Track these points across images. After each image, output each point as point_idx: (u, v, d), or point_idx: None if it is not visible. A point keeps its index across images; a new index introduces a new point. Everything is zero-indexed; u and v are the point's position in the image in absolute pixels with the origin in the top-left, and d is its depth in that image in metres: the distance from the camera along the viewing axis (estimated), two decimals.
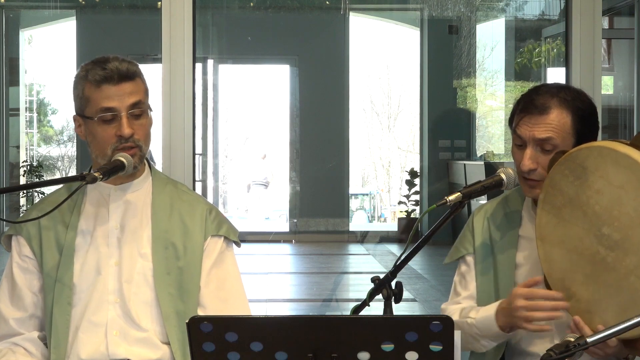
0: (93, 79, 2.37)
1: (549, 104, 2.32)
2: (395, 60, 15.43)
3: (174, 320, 2.39)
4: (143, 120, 2.41)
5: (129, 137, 2.36)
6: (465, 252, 2.52)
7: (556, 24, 10.70)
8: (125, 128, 2.35)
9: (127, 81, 2.38)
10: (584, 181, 2.13)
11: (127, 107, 2.37)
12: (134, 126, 2.38)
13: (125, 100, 2.37)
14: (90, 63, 2.41)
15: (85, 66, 2.41)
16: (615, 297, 2.08)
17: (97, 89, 2.36)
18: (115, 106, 2.36)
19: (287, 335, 1.72)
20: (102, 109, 2.36)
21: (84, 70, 2.41)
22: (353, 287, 8.98)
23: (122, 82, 2.37)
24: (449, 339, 1.71)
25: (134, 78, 2.39)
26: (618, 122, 9.66)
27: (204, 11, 10.99)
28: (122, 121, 2.36)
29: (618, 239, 2.06)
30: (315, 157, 11.55)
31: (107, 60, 2.39)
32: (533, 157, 2.33)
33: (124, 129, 2.35)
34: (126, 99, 2.37)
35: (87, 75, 2.38)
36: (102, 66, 2.37)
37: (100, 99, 2.36)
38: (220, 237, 2.51)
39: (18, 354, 2.40)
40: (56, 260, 2.41)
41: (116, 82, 2.36)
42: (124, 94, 2.37)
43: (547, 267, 2.25)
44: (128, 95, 2.37)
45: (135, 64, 2.43)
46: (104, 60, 2.39)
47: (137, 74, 2.41)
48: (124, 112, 2.36)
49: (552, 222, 2.21)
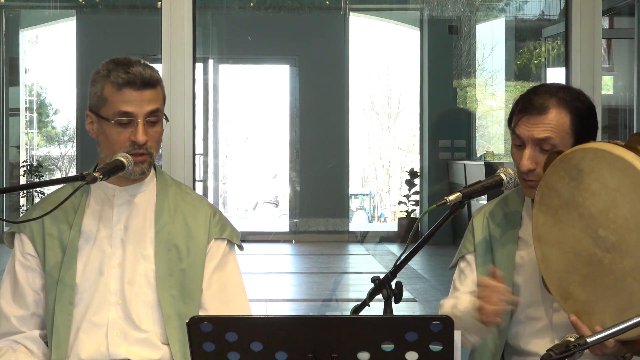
0: (115, 81, 2.35)
1: (548, 104, 2.32)
2: (395, 60, 15.42)
3: (175, 322, 2.39)
4: (157, 128, 2.41)
5: (143, 144, 2.36)
6: (466, 252, 2.52)
7: (556, 24, 10.70)
8: (140, 135, 2.35)
9: (149, 88, 2.37)
10: (580, 183, 2.12)
11: (144, 114, 2.36)
12: (148, 133, 2.37)
13: (144, 106, 2.36)
14: (111, 63, 2.39)
15: (107, 65, 2.39)
16: (613, 298, 2.08)
17: (118, 92, 2.35)
18: (134, 111, 2.35)
19: (287, 335, 1.73)
20: (120, 113, 2.35)
21: (105, 69, 2.39)
22: (353, 287, 8.98)
23: (144, 88, 2.36)
24: (449, 339, 1.71)
25: (155, 86, 2.39)
26: (618, 122, 9.65)
27: (204, 11, 10.98)
28: (138, 127, 2.35)
29: (614, 241, 2.06)
30: (315, 157, 11.54)
31: (131, 64, 2.37)
32: (532, 157, 2.32)
33: (139, 135, 2.35)
34: (145, 105, 2.36)
35: (109, 75, 2.37)
36: (126, 69, 2.36)
37: (119, 102, 2.35)
38: (223, 240, 2.51)
39: (19, 352, 2.39)
40: (59, 259, 2.41)
41: (138, 88, 2.35)
42: (143, 100, 2.36)
43: (544, 268, 2.24)
44: (147, 102, 2.36)
45: (157, 70, 2.42)
46: (127, 63, 2.37)
47: (158, 82, 2.41)
48: (140, 119, 2.35)
49: (548, 223, 2.21)
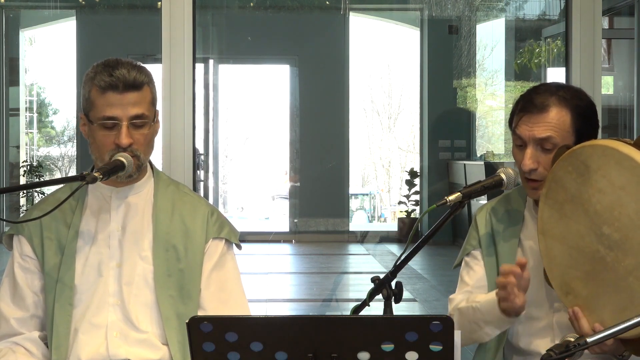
0: (99, 84, 2.34)
1: (548, 102, 2.32)
2: (395, 60, 15.43)
3: (174, 323, 2.39)
4: (144, 130, 2.37)
5: (127, 147, 2.34)
6: (471, 248, 2.50)
7: (556, 24, 10.70)
8: (124, 138, 2.33)
9: (132, 91, 2.34)
10: (587, 179, 2.13)
11: (128, 117, 2.33)
12: (134, 135, 2.35)
13: (128, 110, 2.33)
14: (101, 65, 2.38)
15: (95, 67, 2.38)
16: (613, 296, 2.08)
17: (101, 95, 2.34)
18: (117, 115, 2.33)
19: (287, 335, 1.72)
20: (104, 117, 2.33)
21: (93, 71, 2.37)
22: (353, 287, 8.98)
23: (127, 91, 2.33)
24: (449, 339, 1.71)
25: (140, 88, 2.36)
26: (618, 122, 9.66)
27: (204, 11, 10.99)
28: (121, 130, 2.33)
29: (618, 239, 2.06)
30: (315, 157, 11.55)
31: (117, 66, 2.35)
32: (534, 156, 2.32)
33: (122, 138, 2.32)
34: (129, 109, 2.34)
35: (95, 78, 2.35)
36: (110, 72, 2.33)
37: (103, 106, 2.34)
38: (221, 239, 2.50)
39: (18, 353, 2.39)
40: (57, 261, 2.41)
41: (121, 91, 2.33)
42: (127, 103, 2.34)
43: (547, 262, 2.25)
44: (132, 106, 2.34)
45: (146, 71, 2.39)
46: (114, 65, 2.35)
47: (144, 83, 2.37)
48: (125, 122, 2.33)
49: (554, 217, 2.22)
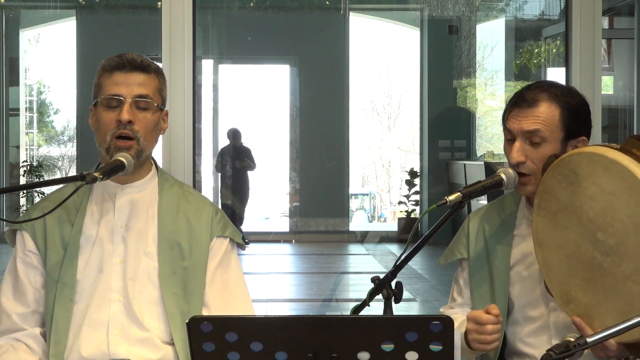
0: (108, 66, 2.42)
1: (538, 98, 2.35)
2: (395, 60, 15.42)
3: (177, 320, 2.40)
4: (147, 114, 2.41)
5: (127, 124, 2.37)
6: (460, 255, 2.54)
7: (556, 24, 10.70)
8: (125, 113, 2.37)
9: (139, 72, 2.41)
10: (577, 187, 2.13)
11: (132, 96, 2.39)
12: (137, 115, 2.39)
13: (132, 89, 2.39)
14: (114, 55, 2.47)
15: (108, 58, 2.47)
16: (614, 301, 2.08)
17: (109, 76, 2.41)
18: (122, 93, 2.39)
19: (287, 335, 1.72)
20: (109, 94, 2.39)
21: (105, 61, 2.46)
22: (353, 287, 8.98)
23: (133, 71, 2.41)
24: (449, 339, 1.71)
25: (147, 71, 2.43)
26: (618, 122, 9.65)
27: (204, 11, 10.98)
28: (124, 107, 2.38)
29: (613, 244, 2.06)
30: (315, 157, 11.54)
31: (127, 54, 2.44)
32: (522, 149, 2.34)
33: (123, 113, 2.37)
34: (134, 88, 2.40)
35: (105, 64, 2.43)
36: (120, 55, 2.43)
37: (109, 84, 2.40)
38: (225, 238, 2.52)
39: (19, 350, 2.39)
40: (60, 257, 2.42)
41: (127, 70, 2.40)
42: (132, 83, 2.40)
43: (546, 272, 2.25)
44: (137, 86, 2.40)
45: (156, 64, 2.47)
46: (125, 54, 2.44)
47: (151, 68, 2.44)
48: (128, 99, 2.38)
49: (548, 228, 2.22)
